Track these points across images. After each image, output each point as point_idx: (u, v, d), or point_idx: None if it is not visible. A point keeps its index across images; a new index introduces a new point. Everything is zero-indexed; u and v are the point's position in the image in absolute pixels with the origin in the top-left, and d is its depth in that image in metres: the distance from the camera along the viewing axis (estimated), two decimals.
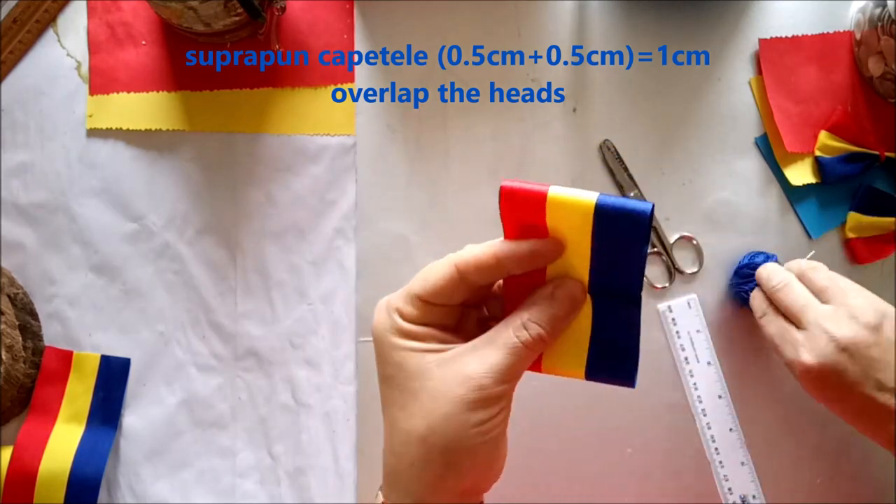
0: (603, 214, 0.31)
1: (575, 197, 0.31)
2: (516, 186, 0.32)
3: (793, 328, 0.45)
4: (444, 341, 0.34)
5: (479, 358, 0.32)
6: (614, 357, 0.34)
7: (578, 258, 0.33)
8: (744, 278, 0.51)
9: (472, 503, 0.34)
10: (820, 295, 0.45)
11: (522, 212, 0.32)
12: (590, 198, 0.31)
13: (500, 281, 0.36)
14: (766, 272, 0.49)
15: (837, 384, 0.42)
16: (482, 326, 0.35)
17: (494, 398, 0.32)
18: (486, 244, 0.33)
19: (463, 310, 0.35)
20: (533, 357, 0.33)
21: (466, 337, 0.34)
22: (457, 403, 0.31)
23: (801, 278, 0.47)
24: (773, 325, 0.46)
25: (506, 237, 0.33)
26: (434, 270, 0.33)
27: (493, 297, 0.37)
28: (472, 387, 0.31)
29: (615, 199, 0.31)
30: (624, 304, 0.33)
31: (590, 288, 0.33)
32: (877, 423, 0.43)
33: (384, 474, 0.35)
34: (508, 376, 0.32)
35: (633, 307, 0.33)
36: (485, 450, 0.32)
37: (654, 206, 0.31)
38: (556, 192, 0.31)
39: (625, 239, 0.31)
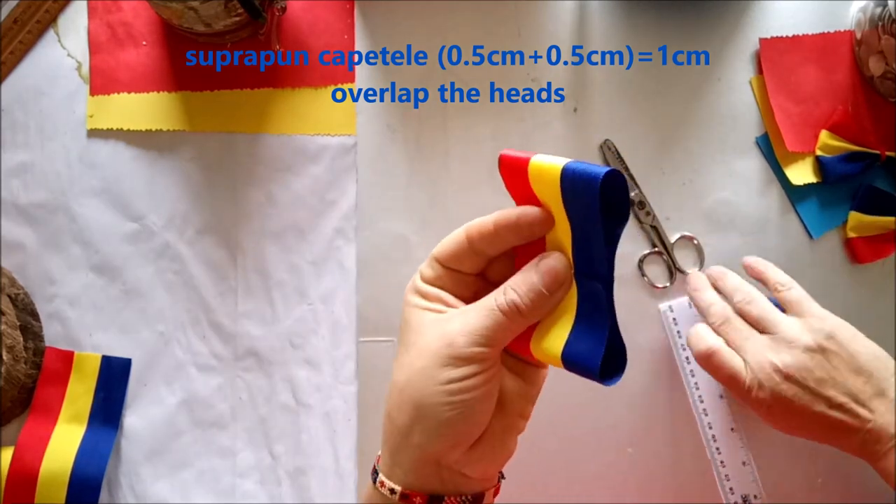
0: (567, 181, 0.29)
1: (549, 164, 0.30)
2: (510, 154, 0.32)
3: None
4: (446, 303, 0.35)
5: (461, 318, 0.33)
6: (588, 346, 0.31)
7: (564, 233, 0.32)
8: None
9: (457, 489, 0.34)
10: (760, 321, 0.46)
11: (517, 180, 0.32)
12: (558, 163, 0.29)
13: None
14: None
15: (789, 410, 0.44)
16: None
17: (466, 358, 0.32)
18: (492, 214, 0.34)
19: (484, 284, 0.36)
20: (509, 325, 0.32)
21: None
22: (431, 357, 0.32)
23: (727, 296, 0.49)
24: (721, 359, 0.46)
25: (515, 202, 0.34)
26: (450, 236, 0.35)
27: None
28: (446, 343, 0.32)
29: (579, 164, 0.29)
30: (600, 287, 0.31)
31: (575, 266, 0.32)
32: (838, 438, 0.44)
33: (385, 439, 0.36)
34: (483, 339, 0.32)
35: (603, 289, 0.31)
36: (452, 414, 0.32)
37: (615, 170, 0.28)
38: (537, 159, 0.30)
39: (586, 208, 0.29)
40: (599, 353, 0.31)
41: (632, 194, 0.53)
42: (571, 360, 0.32)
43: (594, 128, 0.54)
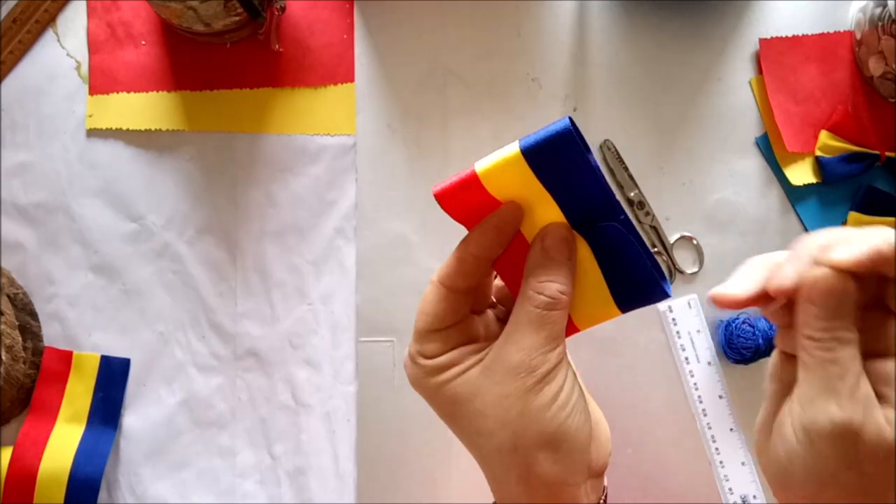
0: (532, 155, 0.30)
1: (501, 158, 0.30)
2: (446, 186, 0.31)
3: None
4: (474, 351, 0.33)
5: (514, 344, 0.31)
6: (634, 278, 0.32)
7: (543, 208, 0.32)
8: (735, 350, 0.50)
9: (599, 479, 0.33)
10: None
11: (467, 202, 0.32)
12: (513, 150, 0.30)
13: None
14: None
15: None
16: (503, 324, 0.35)
17: (551, 370, 0.31)
18: (453, 251, 0.33)
19: (477, 318, 0.35)
20: (562, 316, 0.32)
21: (495, 338, 0.34)
22: (522, 397, 0.30)
23: None
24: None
25: (469, 230, 0.33)
26: (426, 301, 0.33)
27: (500, 293, 0.36)
28: (524, 374, 0.30)
29: (533, 136, 0.30)
30: (610, 224, 0.32)
31: (574, 226, 0.32)
32: None
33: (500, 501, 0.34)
34: (549, 346, 0.31)
35: (617, 220, 0.32)
36: (573, 421, 0.31)
37: (570, 118, 0.29)
38: (483, 165, 0.31)
39: (566, 162, 0.30)
40: (657, 276, 0.32)
41: (631, 194, 0.53)
42: (630, 303, 0.33)
43: (594, 128, 0.54)
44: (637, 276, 0.32)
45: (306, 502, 0.52)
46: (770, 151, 0.54)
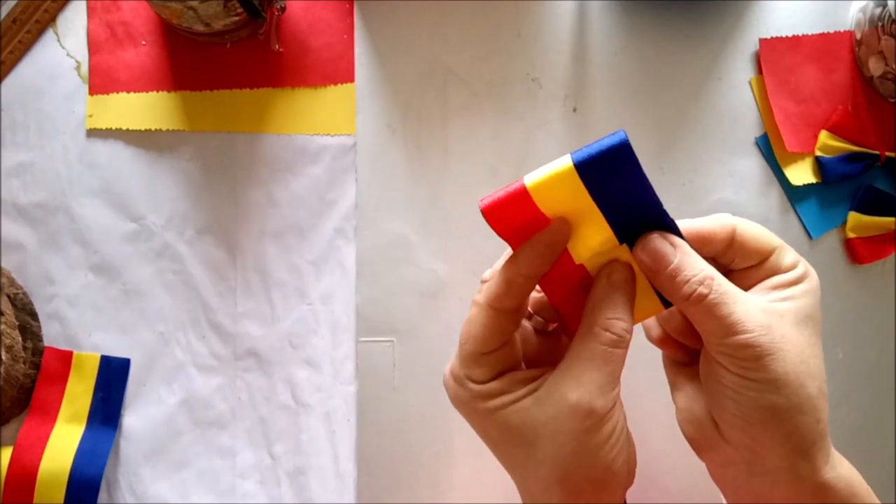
0: (586, 168, 0.30)
1: (552, 172, 0.30)
2: (493, 200, 0.31)
3: None
4: (525, 379, 0.32)
5: (575, 381, 0.31)
6: None
7: (591, 222, 0.32)
8: None
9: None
10: None
11: (514, 217, 0.31)
12: (565, 164, 0.30)
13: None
14: None
15: None
16: (541, 335, 0.35)
17: (609, 411, 0.31)
18: (498, 269, 0.32)
19: (517, 333, 0.34)
20: (624, 355, 0.31)
21: (535, 355, 0.34)
22: (578, 436, 0.30)
23: None
24: None
25: (513, 248, 0.33)
26: (474, 324, 0.32)
27: (537, 304, 0.35)
28: (584, 415, 0.30)
29: (587, 149, 0.30)
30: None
31: (619, 240, 0.32)
32: None
33: None
34: (610, 386, 0.31)
35: (664, 225, 0.32)
36: (621, 458, 0.31)
37: (624, 131, 0.30)
38: (532, 179, 0.30)
39: (620, 175, 0.30)
40: None
41: None
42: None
43: (594, 128, 0.54)
44: None
45: (306, 502, 0.52)
46: (770, 151, 0.54)
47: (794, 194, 0.54)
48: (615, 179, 0.30)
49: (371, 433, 0.52)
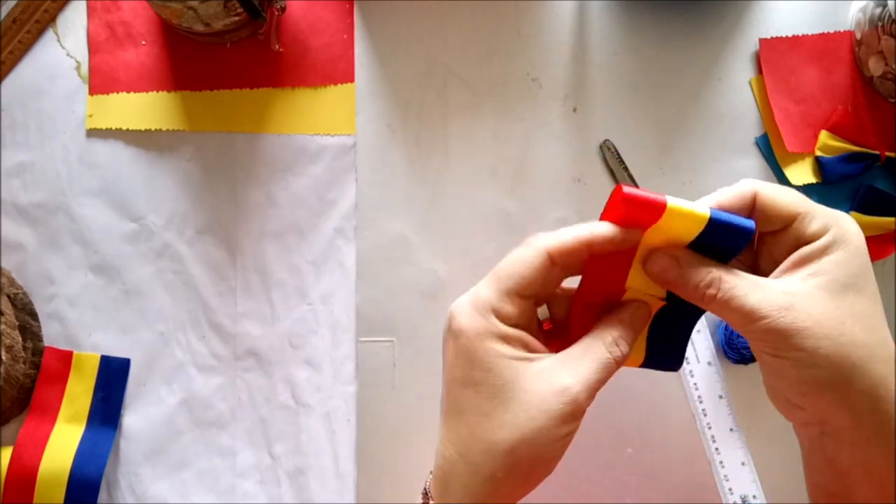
0: (714, 226, 0.32)
1: (691, 209, 0.32)
2: (636, 193, 0.32)
3: None
4: (531, 347, 0.33)
5: (574, 371, 0.32)
6: (667, 348, 0.36)
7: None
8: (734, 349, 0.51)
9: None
10: None
11: (633, 214, 0.32)
12: (704, 211, 0.32)
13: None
14: None
15: None
16: (544, 329, 0.36)
17: (582, 411, 0.32)
18: (575, 230, 0.33)
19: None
20: (615, 370, 0.33)
21: (535, 337, 0.34)
22: (552, 416, 0.31)
23: None
24: None
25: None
26: (524, 263, 0.32)
27: (555, 297, 0.36)
28: (567, 400, 0.31)
29: (725, 214, 0.32)
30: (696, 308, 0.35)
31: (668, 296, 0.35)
32: None
33: (440, 477, 0.34)
34: (595, 391, 0.32)
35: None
36: (559, 457, 0.33)
37: (756, 223, 0.32)
38: (673, 202, 0.32)
39: (727, 244, 0.33)
40: (682, 355, 0.37)
41: None
42: (652, 364, 0.36)
43: (594, 128, 0.54)
44: (673, 349, 0.36)
45: (306, 502, 0.52)
46: (770, 151, 0.54)
47: None
48: (719, 246, 0.33)
49: (371, 433, 0.52)
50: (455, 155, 0.54)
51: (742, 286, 0.31)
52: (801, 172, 0.54)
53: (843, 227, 0.32)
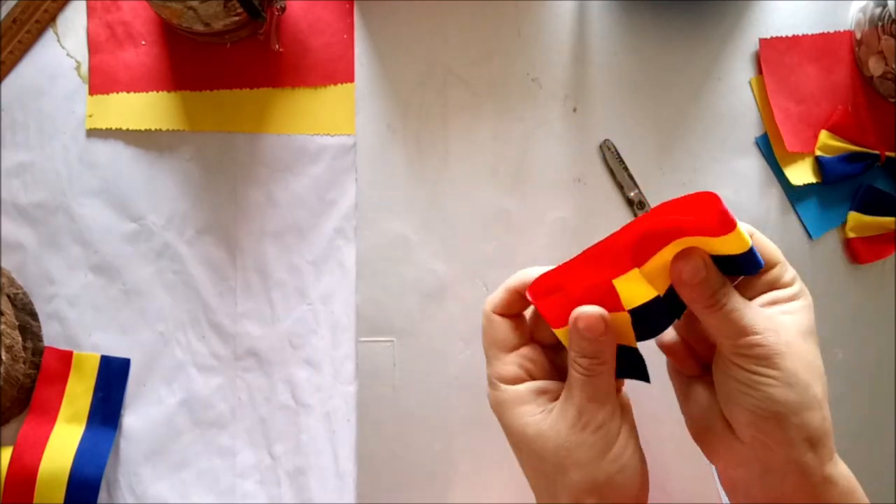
0: (744, 254, 0.33)
1: (746, 238, 0.33)
2: (727, 209, 0.32)
3: None
4: (544, 391, 0.36)
5: (570, 400, 0.35)
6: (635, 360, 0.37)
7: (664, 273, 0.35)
8: None
9: None
10: None
11: (711, 223, 0.32)
12: (749, 241, 0.33)
13: None
14: None
15: None
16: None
17: (602, 426, 0.34)
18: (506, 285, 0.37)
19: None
20: (603, 380, 0.35)
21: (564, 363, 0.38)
22: (575, 448, 0.34)
23: None
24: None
25: (665, 234, 0.34)
26: (484, 331, 0.38)
27: None
28: (580, 427, 0.34)
29: (755, 249, 0.34)
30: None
31: (665, 293, 0.36)
32: None
33: None
34: (596, 403, 0.34)
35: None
36: (625, 475, 0.35)
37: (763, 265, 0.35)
38: (740, 225, 0.33)
39: (730, 270, 0.34)
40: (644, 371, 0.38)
41: (631, 194, 0.53)
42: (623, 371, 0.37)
43: (594, 128, 0.54)
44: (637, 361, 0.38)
45: (306, 502, 0.52)
46: (770, 151, 0.54)
47: (794, 194, 0.54)
48: (733, 269, 0.34)
49: (371, 433, 0.52)
50: (455, 155, 0.54)
51: (744, 302, 0.34)
52: (801, 172, 0.54)
53: (803, 284, 0.36)
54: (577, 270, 0.35)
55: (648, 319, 0.36)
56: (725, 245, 0.33)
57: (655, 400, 0.53)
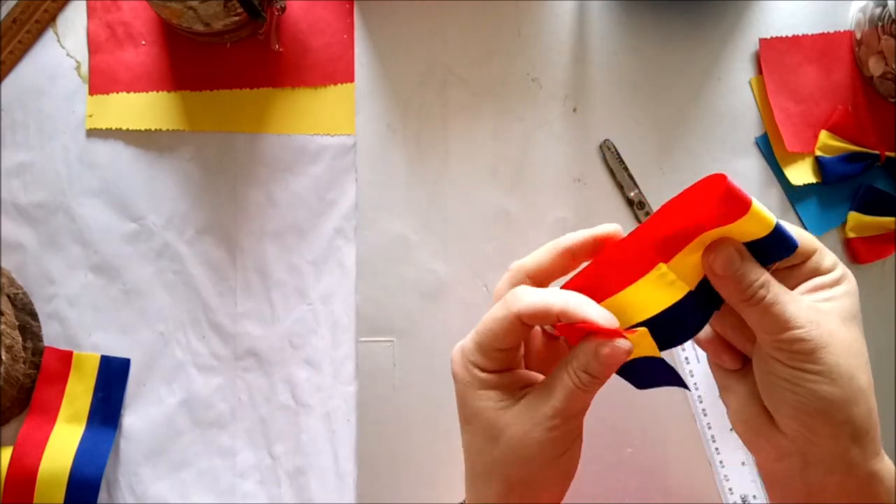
0: (772, 234, 0.32)
1: (766, 214, 0.32)
2: (736, 186, 0.31)
3: None
4: (517, 383, 0.36)
5: (545, 400, 0.34)
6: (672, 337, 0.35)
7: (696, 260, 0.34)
8: None
9: None
10: None
11: (719, 207, 0.32)
12: (772, 218, 0.32)
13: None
14: None
15: None
16: (547, 336, 0.38)
17: (566, 432, 0.34)
18: (545, 296, 0.34)
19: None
20: (591, 396, 0.34)
21: (539, 353, 0.37)
22: (534, 445, 0.34)
23: None
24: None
25: (659, 219, 0.33)
26: (497, 321, 0.34)
27: None
28: (544, 428, 0.33)
29: (783, 225, 0.32)
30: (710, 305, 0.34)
31: (697, 287, 0.34)
32: None
33: (470, 500, 0.37)
34: (573, 413, 0.34)
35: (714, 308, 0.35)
36: (565, 474, 0.36)
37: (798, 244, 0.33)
38: (756, 203, 0.32)
39: (766, 254, 0.33)
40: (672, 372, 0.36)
41: (631, 194, 0.53)
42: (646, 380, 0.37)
43: (594, 128, 0.54)
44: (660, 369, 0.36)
45: (306, 502, 0.52)
46: (770, 151, 0.54)
47: (794, 194, 0.54)
48: (767, 250, 0.33)
49: (371, 433, 0.52)
50: (455, 155, 0.54)
51: (784, 294, 0.32)
52: (801, 172, 0.54)
53: (844, 267, 0.35)
54: (593, 278, 0.34)
55: (681, 320, 0.34)
56: (748, 227, 0.32)
57: (656, 400, 0.53)
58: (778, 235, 0.32)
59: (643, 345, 0.34)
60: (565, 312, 0.32)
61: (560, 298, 0.33)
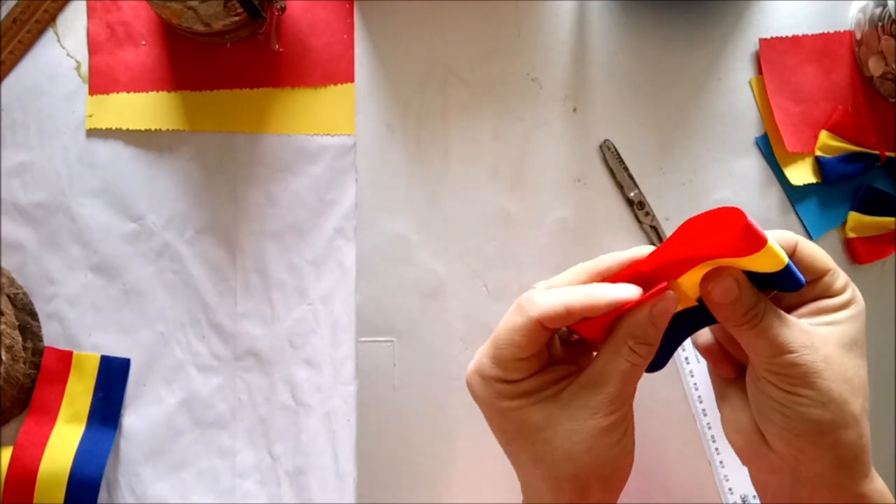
0: (781, 273, 0.32)
1: (780, 254, 0.32)
2: (754, 224, 0.31)
3: None
4: (551, 380, 0.35)
5: (599, 387, 0.33)
6: (662, 349, 0.36)
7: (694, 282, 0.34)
8: None
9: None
10: None
11: (735, 242, 0.31)
12: (785, 258, 0.32)
13: None
14: None
15: None
16: (564, 343, 0.38)
17: (623, 416, 0.34)
18: (560, 292, 0.33)
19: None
20: (641, 372, 0.34)
21: (560, 356, 0.36)
22: (593, 434, 0.33)
23: None
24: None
25: (665, 249, 0.33)
26: (517, 332, 0.33)
27: None
28: (601, 415, 0.33)
29: (793, 265, 0.33)
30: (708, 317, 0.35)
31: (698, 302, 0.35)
32: None
33: None
34: (628, 396, 0.34)
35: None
36: (629, 460, 0.35)
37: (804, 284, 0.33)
38: (772, 242, 0.31)
39: (768, 284, 0.33)
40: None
41: (631, 194, 0.53)
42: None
43: (594, 128, 0.54)
44: (665, 350, 0.36)
45: (306, 502, 0.52)
46: (770, 151, 0.54)
47: (794, 194, 0.54)
48: (769, 285, 0.33)
49: (371, 433, 0.52)
50: (455, 155, 0.54)
51: (780, 318, 0.33)
52: (801, 172, 0.54)
53: (855, 289, 0.35)
54: None
55: (683, 325, 0.35)
56: (758, 263, 0.32)
57: (657, 399, 0.53)
58: (787, 274, 0.32)
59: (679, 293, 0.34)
60: (591, 304, 0.32)
61: (580, 293, 0.32)
